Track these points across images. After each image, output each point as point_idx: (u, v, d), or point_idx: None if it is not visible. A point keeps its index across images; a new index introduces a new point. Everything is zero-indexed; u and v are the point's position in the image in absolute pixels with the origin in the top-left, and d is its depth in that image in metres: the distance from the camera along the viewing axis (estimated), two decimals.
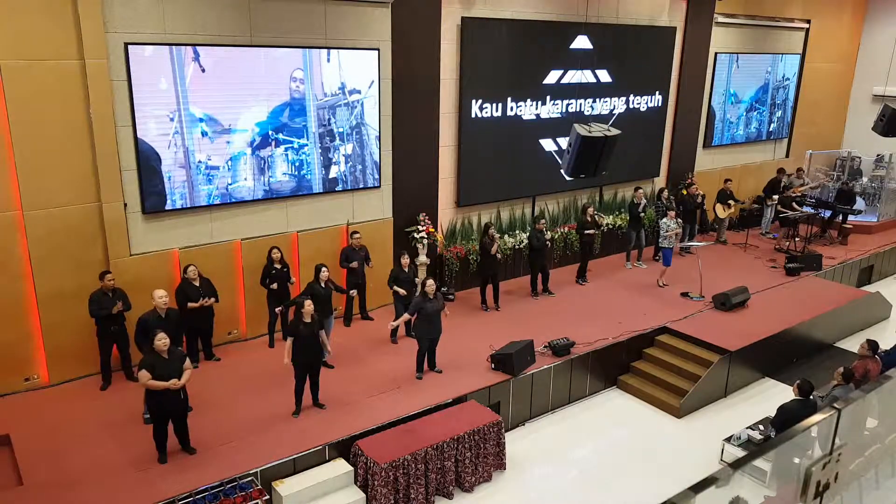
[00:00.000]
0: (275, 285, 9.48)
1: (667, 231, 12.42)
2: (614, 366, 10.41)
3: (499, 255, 11.27)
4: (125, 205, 8.86)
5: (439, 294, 9.06)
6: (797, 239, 14.82)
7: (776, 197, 15.30)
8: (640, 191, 13.71)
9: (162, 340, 6.95)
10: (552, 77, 12.71)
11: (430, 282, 8.96)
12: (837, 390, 7.77)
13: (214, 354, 9.49)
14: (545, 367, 9.48)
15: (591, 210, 12.59)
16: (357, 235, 10.31)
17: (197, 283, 8.88)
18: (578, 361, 9.86)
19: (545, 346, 9.77)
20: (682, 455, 8.78)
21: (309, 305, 8.01)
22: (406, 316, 9.23)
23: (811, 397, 7.61)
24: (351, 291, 10.17)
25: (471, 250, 12.07)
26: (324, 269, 9.21)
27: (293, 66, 9.76)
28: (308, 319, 7.98)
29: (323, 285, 9.16)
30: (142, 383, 6.98)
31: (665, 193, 13.98)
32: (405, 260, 10.01)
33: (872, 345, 8.69)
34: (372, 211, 11.11)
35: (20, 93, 7.89)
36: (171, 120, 8.94)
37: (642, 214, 13.52)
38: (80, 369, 8.83)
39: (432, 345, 9.17)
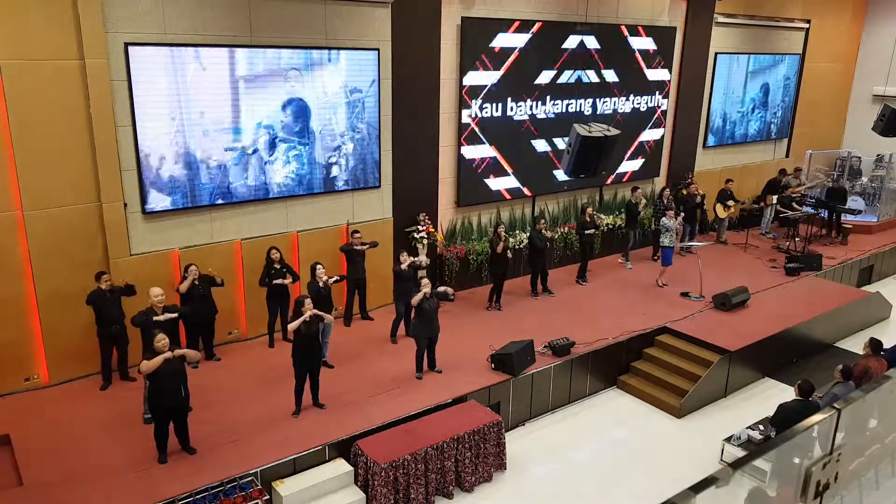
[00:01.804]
0: (279, 280, 9.45)
1: (666, 231, 12.43)
2: (614, 366, 10.41)
3: (509, 254, 11.28)
4: (125, 205, 8.86)
5: (435, 293, 9.06)
6: (797, 239, 14.82)
7: (774, 197, 15.30)
8: (639, 191, 13.75)
9: (162, 342, 6.94)
10: (553, 77, 12.71)
11: (426, 280, 8.97)
12: (837, 388, 7.76)
13: (215, 354, 9.50)
14: (545, 367, 9.48)
15: (590, 210, 12.61)
16: (358, 235, 10.31)
17: (197, 283, 8.88)
18: (578, 361, 9.86)
19: (545, 346, 9.77)
20: (682, 455, 8.78)
21: (309, 303, 8.01)
22: None
23: (811, 398, 7.60)
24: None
25: (471, 250, 12.06)
26: (319, 266, 9.20)
27: (293, 67, 9.76)
28: (307, 318, 7.97)
29: (321, 283, 9.16)
30: (147, 367, 6.90)
31: (666, 192, 14.00)
32: (404, 257, 10.01)
33: (874, 343, 8.67)
34: (372, 211, 11.11)
35: (20, 93, 7.89)
36: (172, 120, 8.94)
37: (640, 215, 13.53)
38: (80, 369, 8.84)
39: (431, 344, 9.17)
